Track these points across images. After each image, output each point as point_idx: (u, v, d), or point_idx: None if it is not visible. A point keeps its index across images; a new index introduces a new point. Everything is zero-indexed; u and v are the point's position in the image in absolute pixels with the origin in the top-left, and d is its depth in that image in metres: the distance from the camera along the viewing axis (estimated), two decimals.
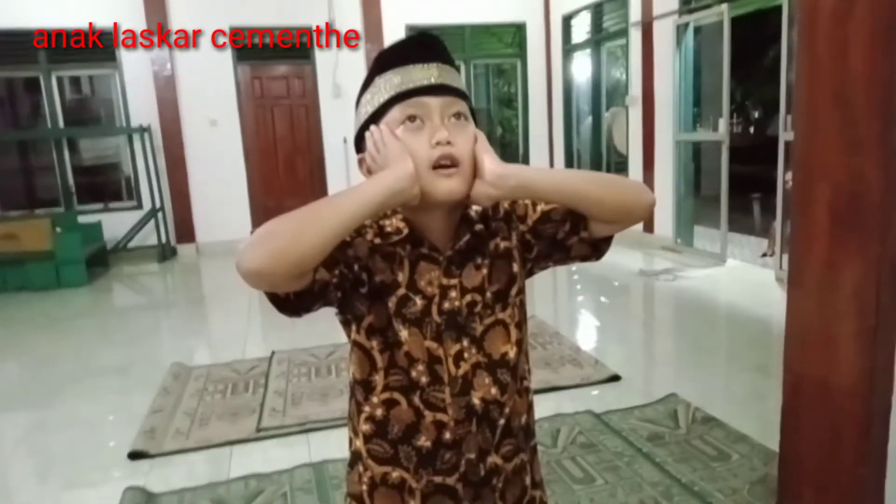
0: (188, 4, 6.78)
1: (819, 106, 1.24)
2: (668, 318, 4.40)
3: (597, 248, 0.95)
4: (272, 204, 7.28)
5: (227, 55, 6.98)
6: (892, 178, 1.15)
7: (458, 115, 0.88)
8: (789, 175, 4.68)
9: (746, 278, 4.98)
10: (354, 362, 0.93)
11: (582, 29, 7.34)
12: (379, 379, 0.90)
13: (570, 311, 4.64)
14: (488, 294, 0.92)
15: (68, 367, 3.73)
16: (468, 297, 0.91)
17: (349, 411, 0.97)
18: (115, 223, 6.78)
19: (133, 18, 6.62)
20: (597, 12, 6.99)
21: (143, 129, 6.70)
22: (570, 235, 0.93)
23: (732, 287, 4.81)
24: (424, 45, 0.90)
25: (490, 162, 0.85)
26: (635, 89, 6.31)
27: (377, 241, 0.90)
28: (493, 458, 0.93)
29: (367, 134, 0.88)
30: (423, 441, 0.90)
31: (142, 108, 6.80)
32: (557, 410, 2.73)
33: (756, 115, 10.12)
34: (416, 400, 0.90)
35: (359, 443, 0.94)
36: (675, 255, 5.73)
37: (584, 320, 4.37)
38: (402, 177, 0.81)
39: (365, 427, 0.93)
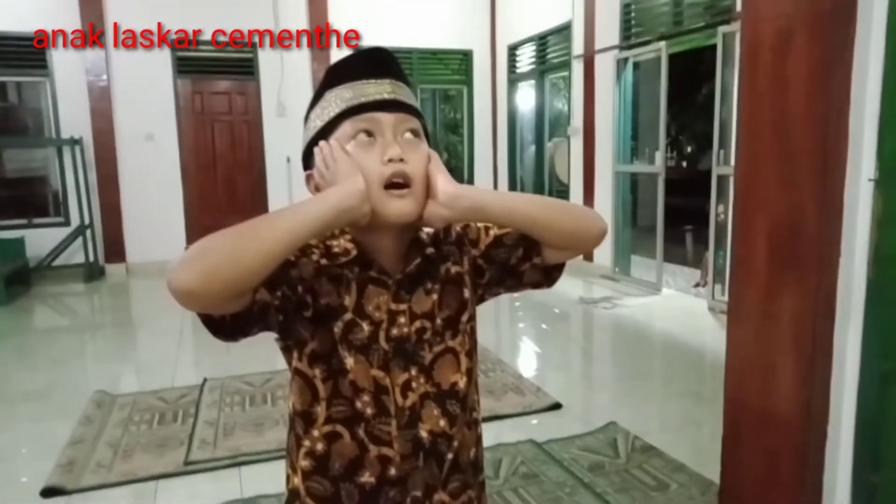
0: (126, 4, 6.56)
1: (759, 139, 1.28)
2: (607, 346, 4.46)
3: (549, 275, 0.94)
4: (209, 223, 7.05)
5: (167, 67, 6.79)
6: (828, 212, 1.18)
7: (411, 132, 0.85)
8: (721, 208, 4.89)
9: (680, 307, 5.11)
10: (295, 392, 0.87)
11: (526, 59, 7.50)
12: (321, 410, 0.85)
13: (511, 337, 4.64)
14: (438, 320, 0.89)
15: None
16: (417, 324, 0.87)
17: (287, 446, 0.91)
18: (39, 240, 6.42)
19: (66, 20, 6.35)
20: (541, 44, 7.16)
21: (75, 142, 6.40)
22: (523, 261, 0.91)
23: (667, 315, 4.93)
24: (377, 59, 0.87)
25: (444, 182, 0.82)
26: (577, 120, 6.47)
27: (324, 262, 0.85)
28: (441, 496, 0.89)
29: (316, 149, 0.84)
30: (367, 477, 0.85)
31: (74, 118, 6.50)
32: (499, 440, 2.70)
33: (689, 149, 10.56)
34: (361, 432, 0.85)
35: (297, 480, 0.88)
36: (613, 284, 5.85)
37: (525, 347, 4.38)
38: (351, 193, 0.77)
39: (304, 463, 0.87)
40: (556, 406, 3.07)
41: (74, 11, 6.37)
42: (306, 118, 0.90)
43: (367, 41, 7.20)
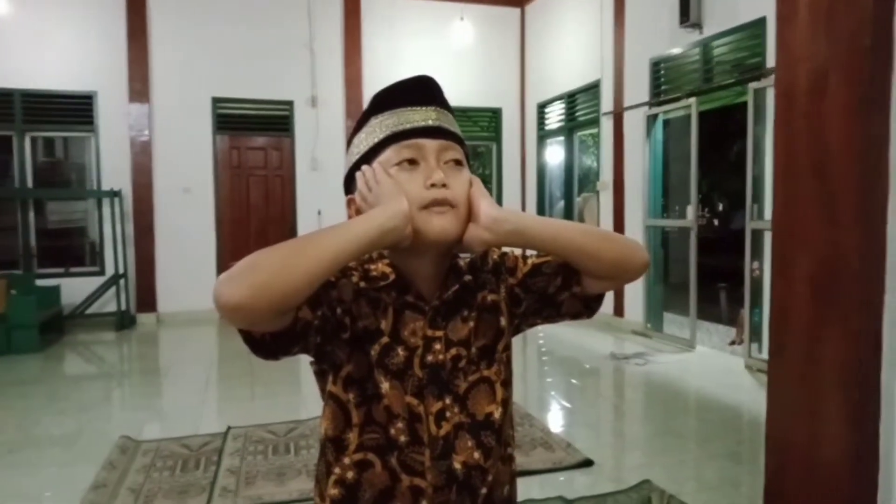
0: (172, 74, 6.88)
1: (798, 179, 1.26)
2: (640, 402, 4.33)
3: (588, 306, 0.92)
4: None
5: (207, 123, 7.05)
6: (870, 251, 1.15)
7: (454, 161, 0.85)
8: (755, 263, 4.79)
9: (715, 365, 4.96)
10: (327, 417, 0.85)
11: (555, 116, 7.61)
12: (353, 436, 0.83)
13: (540, 392, 4.54)
14: (474, 349, 0.87)
15: (9, 435, 3.48)
16: (453, 351, 0.86)
17: (317, 474, 0.89)
18: (74, 288, 6.58)
19: (114, 79, 6.68)
20: (570, 102, 7.28)
21: (114, 193, 6.62)
22: (562, 290, 0.90)
23: (702, 373, 4.78)
24: (423, 87, 0.88)
25: (486, 205, 0.82)
26: (606, 175, 6.49)
27: (363, 284, 0.84)
28: None
29: (359, 174, 0.85)
30: None
31: (115, 172, 6.75)
32: (527, 496, 2.60)
33: (720, 207, 10.51)
34: (393, 461, 0.82)
35: None
36: (645, 340, 5.72)
37: (554, 402, 4.27)
38: (395, 214, 0.77)
39: (334, 491, 0.84)
40: (588, 463, 2.96)
41: (123, 69, 6.69)
42: (349, 143, 0.91)
43: None
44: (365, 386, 0.82)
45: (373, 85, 7.38)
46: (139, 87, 6.75)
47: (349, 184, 0.90)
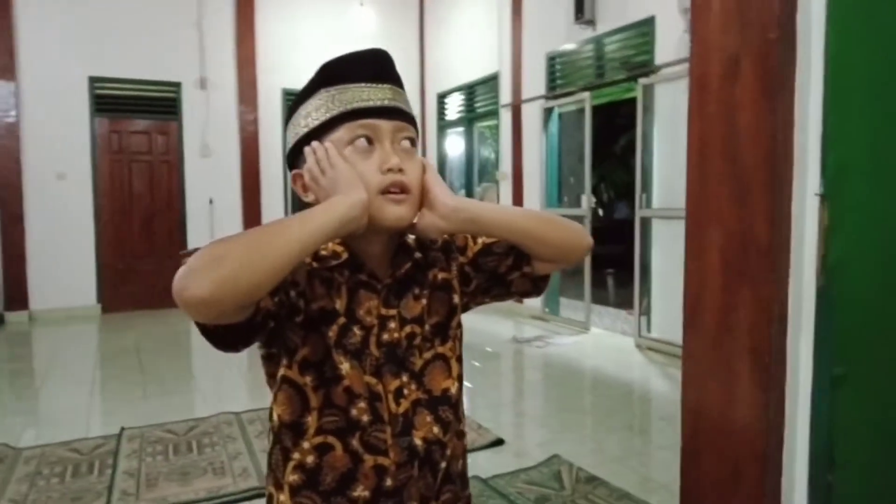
0: (42, 50, 6.28)
1: (711, 160, 1.36)
2: (542, 382, 4.50)
3: (536, 285, 0.94)
4: (122, 267, 6.70)
5: (84, 104, 6.51)
6: (778, 226, 1.26)
7: (409, 140, 0.84)
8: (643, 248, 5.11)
9: (609, 344, 5.25)
10: (281, 403, 0.82)
11: (455, 107, 7.70)
12: (312, 420, 0.81)
13: None
14: (427, 326, 0.87)
15: None
16: (407, 329, 0.86)
17: (271, 462, 0.86)
18: None
19: None
20: (469, 93, 7.39)
21: None
22: (513, 270, 0.91)
23: (597, 352, 5.04)
24: (378, 62, 0.86)
25: (443, 194, 0.82)
26: (506, 166, 6.66)
27: (315, 265, 0.82)
28: None
29: (308, 150, 0.82)
30: (361, 491, 0.81)
31: None
32: None
33: (606, 198, 11.09)
34: (355, 443, 0.81)
35: (283, 497, 0.82)
36: (544, 324, 5.95)
37: (463, 386, 4.35)
38: (355, 204, 0.76)
39: (293, 477, 0.82)
40: (499, 442, 3.04)
41: None
42: (291, 112, 0.88)
43: (300, 85, 7.17)
44: (322, 368, 0.81)
45: (268, 68, 7.12)
46: (4, 62, 6.11)
47: (294, 157, 0.86)
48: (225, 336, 0.73)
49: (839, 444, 1.26)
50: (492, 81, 6.86)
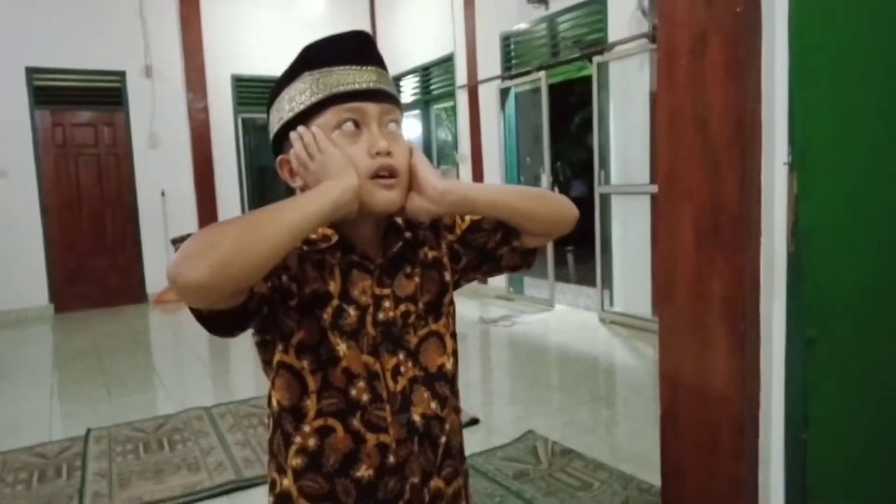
0: None
1: (681, 133, 1.39)
2: (511, 360, 4.56)
3: (525, 259, 0.96)
4: (74, 265, 6.47)
5: (23, 97, 6.22)
6: (748, 195, 1.30)
7: (395, 124, 0.84)
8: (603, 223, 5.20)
9: (573, 320, 5.34)
10: (280, 388, 0.82)
11: (410, 89, 7.64)
12: (311, 403, 0.81)
13: None
14: (420, 304, 0.89)
15: None
16: (402, 307, 0.87)
17: (272, 448, 0.86)
18: None
19: None
20: (424, 75, 7.34)
21: None
22: (502, 245, 0.93)
23: (562, 329, 5.13)
24: (361, 44, 0.85)
25: (432, 177, 0.82)
26: (464, 147, 6.65)
27: (305, 248, 0.82)
28: (436, 482, 0.88)
29: (295, 134, 0.81)
30: (364, 471, 0.82)
31: None
32: None
33: (561, 176, 11.20)
34: (356, 423, 0.82)
35: (287, 482, 0.83)
36: (509, 303, 6.01)
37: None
38: (347, 189, 0.76)
39: (296, 461, 0.82)
40: (474, 421, 3.08)
41: None
42: (274, 95, 0.86)
43: (248, 70, 7.00)
44: (319, 351, 0.81)
45: (216, 54, 6.92)
46: None
47: (279, 142, 0.85)
48: (220, 322, 0.73)
49: (812, 404, 1.32)
50: (447, 63, 6.82)
